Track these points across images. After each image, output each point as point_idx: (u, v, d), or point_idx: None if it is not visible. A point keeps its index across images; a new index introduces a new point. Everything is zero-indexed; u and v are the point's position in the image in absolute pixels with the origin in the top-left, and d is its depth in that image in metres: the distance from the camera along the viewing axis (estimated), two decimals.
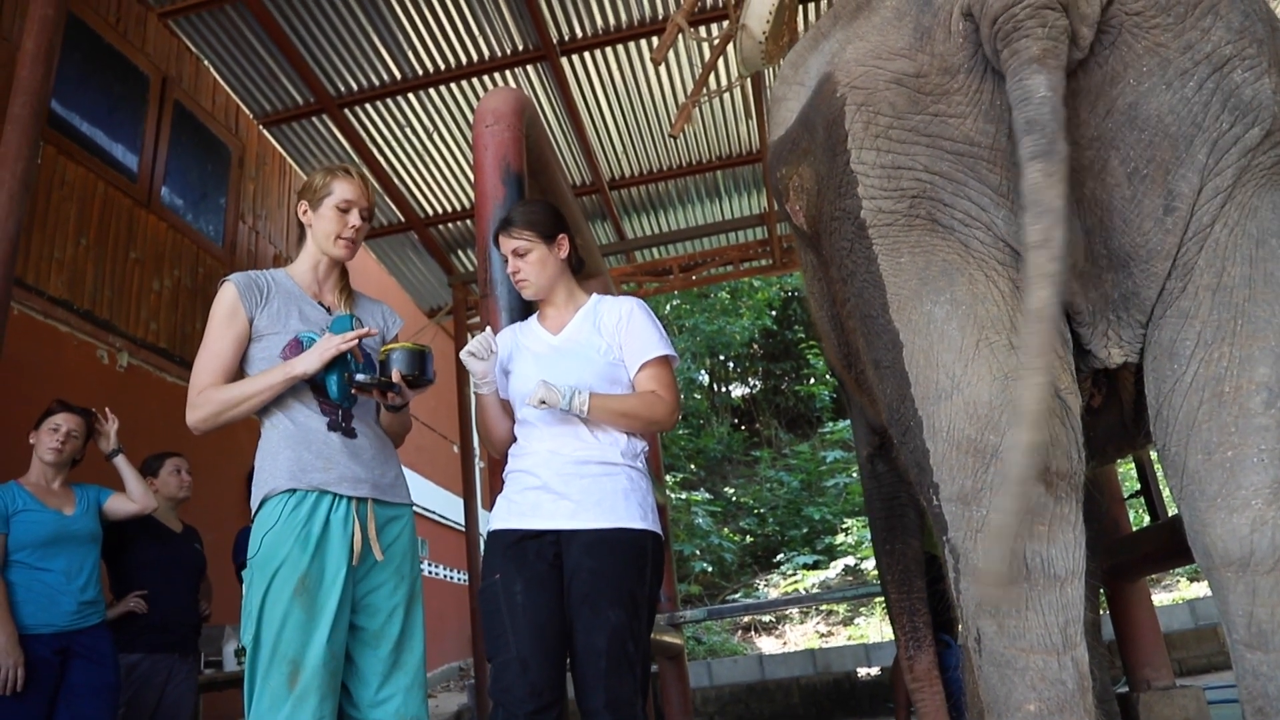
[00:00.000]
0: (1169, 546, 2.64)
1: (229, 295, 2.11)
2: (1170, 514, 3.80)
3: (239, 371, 2.12)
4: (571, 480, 2.02)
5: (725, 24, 4.71)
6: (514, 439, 2.19)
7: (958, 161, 1.63)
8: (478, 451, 8.43)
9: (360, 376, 2.08)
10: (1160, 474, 3.99)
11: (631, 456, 2.09)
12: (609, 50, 5.77)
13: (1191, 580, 8.27)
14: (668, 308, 14.39)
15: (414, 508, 2.26)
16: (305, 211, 2.22)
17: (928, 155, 1.65)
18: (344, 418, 2.13)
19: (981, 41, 1.57)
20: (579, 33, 5.63)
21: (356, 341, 2.05)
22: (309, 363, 2.01)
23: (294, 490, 2.01)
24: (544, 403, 1.95)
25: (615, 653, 1.90)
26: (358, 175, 2.25)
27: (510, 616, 1.93)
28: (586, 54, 5.79)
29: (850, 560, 10.23)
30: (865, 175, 1.72)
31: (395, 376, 2.03)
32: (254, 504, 2.06)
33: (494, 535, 2.07)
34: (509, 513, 2.07)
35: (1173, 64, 1.52)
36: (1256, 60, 1.51)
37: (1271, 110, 1.50)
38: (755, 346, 15.30)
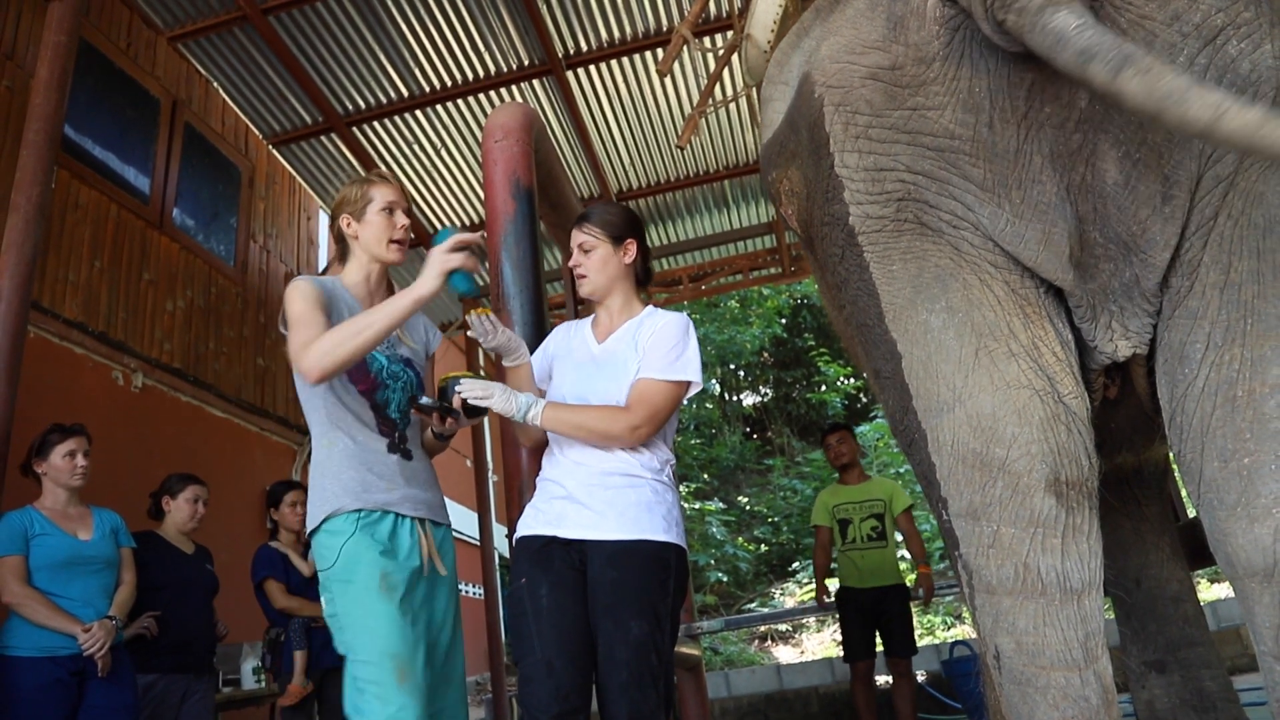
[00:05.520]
0: (1189, 549, 2.61)
1: (309, 288, 2.06)
2: (1190, 515, 3.76)
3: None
4: (595, 491, 2.01)
5: (730, 34, 4.72)
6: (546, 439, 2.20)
7: (939, 158, 1.56)
8: (491, 465, 8.43)
9: (424, 400, 2.07)
10: (1179, 473, 3.95)
11: (656, 469, 2.06)
12: (614, 63, 5.79)
13: (1212, 582, 8.18)
14: None
15: None
16: (349, 224, 2.19)
17: (909, 154, 1.59)
18: (400, 439, 2.13)
19: (976, 20, 1.45)
20: (584, 46, 5.66)
21: (474, 252, 1.95)
22: (430, 283, 1.92)
23: (360, 509, 2.01)
24: (480, 398, 1.97)
25: (637, 665, 1.88)
26: (391, 178, 2.24)
27: (535, 619, 1.92)
28: (592, 67, 5.81)
29: None
30: (850, 179, 1.66)
31: (457, 403, 2.01)
32: (312, 521, 2.04)
33: (521, 541, 2.07)
34: (536, 520, 2.07)
35: (1159, 38, 1.40)
36: (1253, 26, 1.37)
37: (1273, 82, 1.36)
38: (766, 355, 15.27)
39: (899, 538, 5.00)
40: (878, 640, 4.83)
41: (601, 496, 1.99)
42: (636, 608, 1.91)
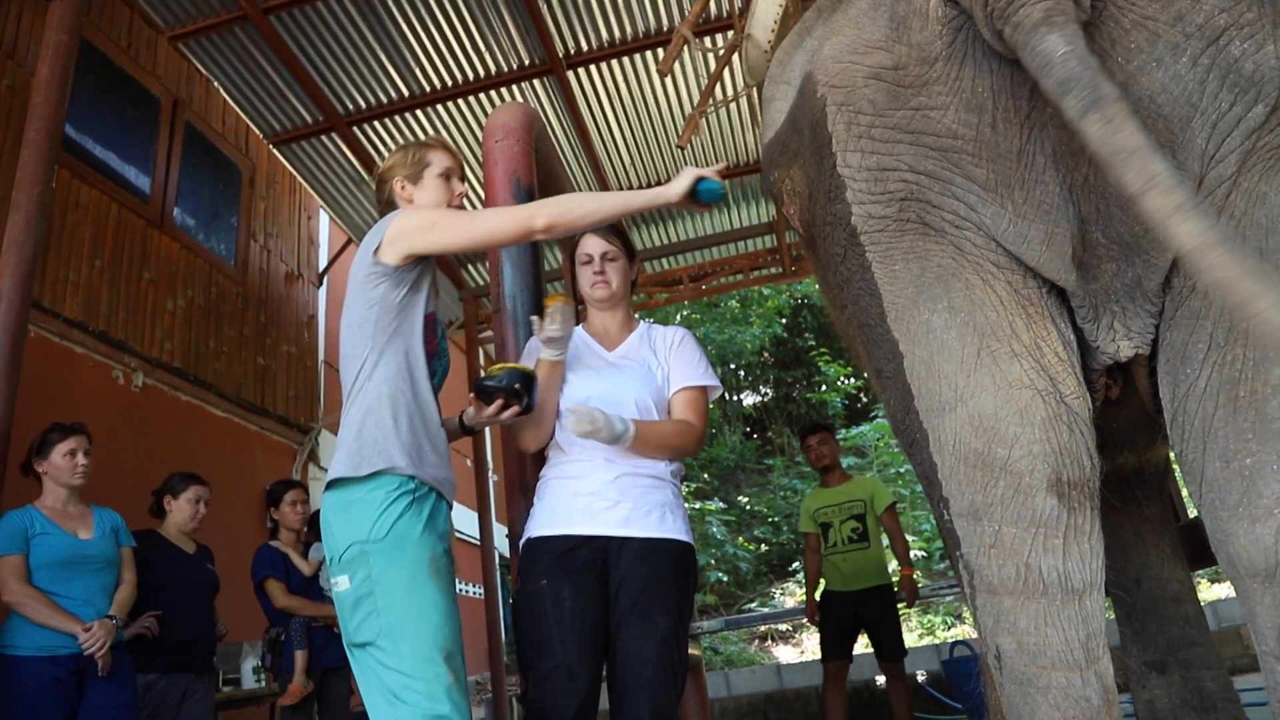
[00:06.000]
0: (1189, 549, 2.61)
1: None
2: (1190, 515, 3.76)
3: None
4: (628, 490, 2.04)
5: (730, 34, 4.72)
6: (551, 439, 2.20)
7: (942, 158, 1.56)
8: (491, 465, 8.43)
9: (490, 381, 1.97)
10: (1179, 473, 3.94)
11: (674, 472, 2.14)
12: (615, 63, 5.79)
13: (1212, 582, 8.19)
14: (678, 318, 14.39)
15: None
16: (404, 187, 2.09)
17: (912, 154, 1.58)
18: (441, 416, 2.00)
19: (978, 26, 1.46)
20: (585, 46, 5.66)
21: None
22: (680, 185, 1.91)
23: (413, 477, 1.81)
24: (589, 432, 1.96)
25: (662, 661, 1.91)
26: (449, 144, 2.19)
27: (558, 623, 1.91)
28: (593, 67, 5.81)
29: None
30: (852, 179, 1.67)
31: (493, 408, 1.97)
32: (348, 468, 1.79)
33: (538, 541, 2.05)
34: (553, 521, 2.05)
35: (1162, 38, 1.39)
36: (1256, 26, 1.36)
37: (1276, 82, 1.36)
38: (766, 354, 15.27)
39: (887, 540, 4.94)
40: (864, 644, 4.75)
41: (633, 495, 2.04)
42: (664, 604, 1.95)
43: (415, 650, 1.68)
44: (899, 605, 4.77)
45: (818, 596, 4.93)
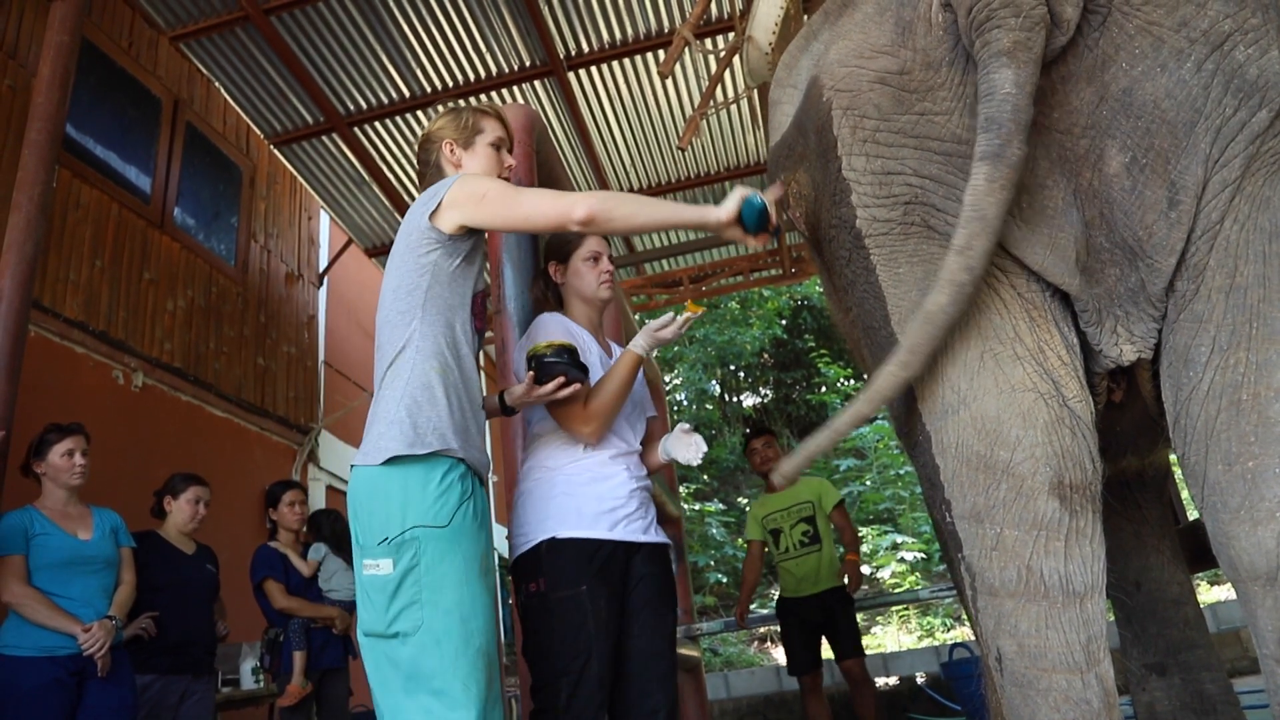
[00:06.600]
0: (1189, 552, 2.61)
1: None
2: (1189, 518, 3.76)
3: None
4: (642, 499, 2.17)
5: (731, 35, 4.73)
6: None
7: (947, 162, 1.57)
8: (490, 465, 8.43)
9: (551, 357, 1.91)
10: (1179, 476, 3.94)
11: None
12: (616, 64, 5.79)
13: (1212, 584, 8.19)
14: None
15: None
16: (452, 150, 2.00)
17: (916, 158, 1.60)
18: None
19: (960, 32, 1.50)
20: (586, 47, 5.66)
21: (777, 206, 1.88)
22: (725, 210, 1.78)
23: (462, 460, 1.73)
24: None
25: (670, 655, 2.05)
26: (503, 113, 2.11)
27: (595, 632, 1.94)
28: (594, 68, 5.81)
29: (865, 569, 10.18)
30: (857, 182, 1.68)
31: (548, 387, 1.95)
32: (407, 445, 1.66)
33: (569, 543, 2.02)
34: (581, 519, 2.05)
35: (1167, 44, 1.41)
36: (1261, 32, 1.38)
37: None
38: (766, 356, 15.26)
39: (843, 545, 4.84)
40: (825, 650, 4.62)
41: (645, 504, 2.18)
42: (669, 602, 2.11)
43: (457, 651, 1.58)
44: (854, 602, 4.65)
45: (755, 606, 4.84)
